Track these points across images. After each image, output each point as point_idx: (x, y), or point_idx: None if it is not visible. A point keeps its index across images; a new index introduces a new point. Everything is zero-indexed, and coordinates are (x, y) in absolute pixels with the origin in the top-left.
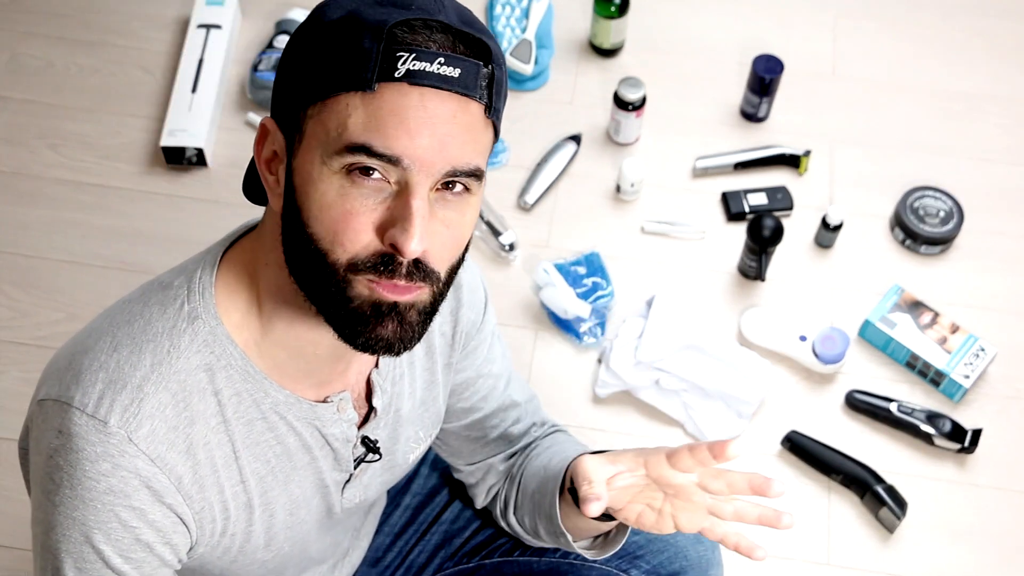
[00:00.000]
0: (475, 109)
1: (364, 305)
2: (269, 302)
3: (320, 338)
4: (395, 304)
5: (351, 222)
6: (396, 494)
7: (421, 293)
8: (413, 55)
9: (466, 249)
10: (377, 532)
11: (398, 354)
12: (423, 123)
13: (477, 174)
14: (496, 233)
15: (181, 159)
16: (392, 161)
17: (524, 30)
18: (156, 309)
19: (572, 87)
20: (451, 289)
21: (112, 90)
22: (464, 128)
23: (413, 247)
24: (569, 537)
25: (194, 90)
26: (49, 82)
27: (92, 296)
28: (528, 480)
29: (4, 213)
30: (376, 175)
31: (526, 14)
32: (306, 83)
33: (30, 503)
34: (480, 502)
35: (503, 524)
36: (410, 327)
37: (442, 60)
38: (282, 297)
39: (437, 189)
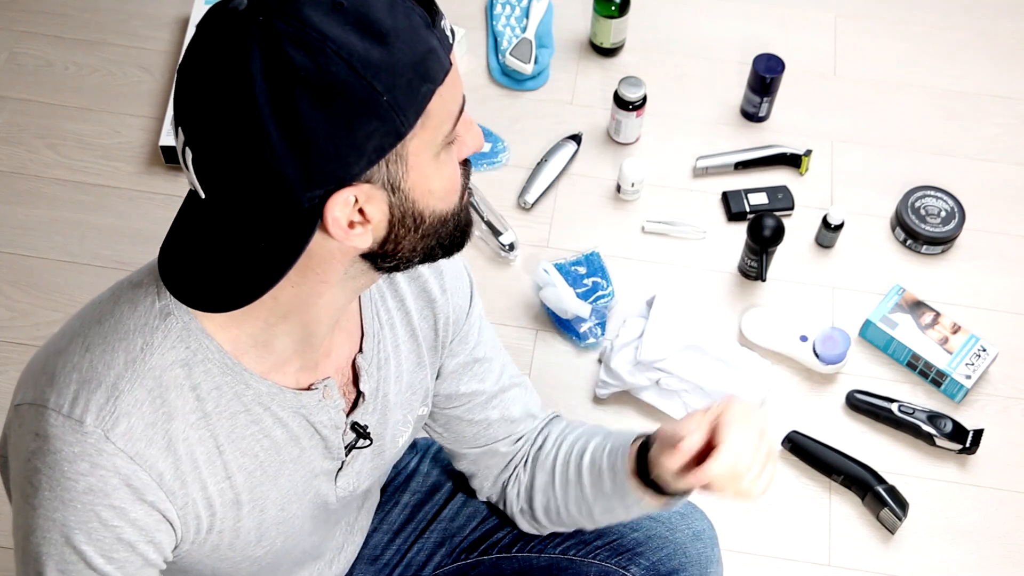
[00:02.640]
0: None
1: (469, 213)
2: (274, 319)
3: (306, 327)
4: None
5: (457, 170)
6: (395, 492)
7: None
8: (437, 19)
9: None
10: (376, 530)
11: None
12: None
13: None
14: (496, 233)
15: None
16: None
17: (524, 29)
18: (127, 307)
19: (572, 87)
20: (433, 275)
21: (111, 89)
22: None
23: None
24: (651, 504)
25: None
26: (48, 82)
27: (91, 296)
28: (565, 469)
29: (3, 213)
30: None
31: (526, 13)
32: (392, 126)
33: (12, 512)
34: (485, 491)
35: (520, 512)
36: None
37: (442, 19)
38: (289, 298)
39: None
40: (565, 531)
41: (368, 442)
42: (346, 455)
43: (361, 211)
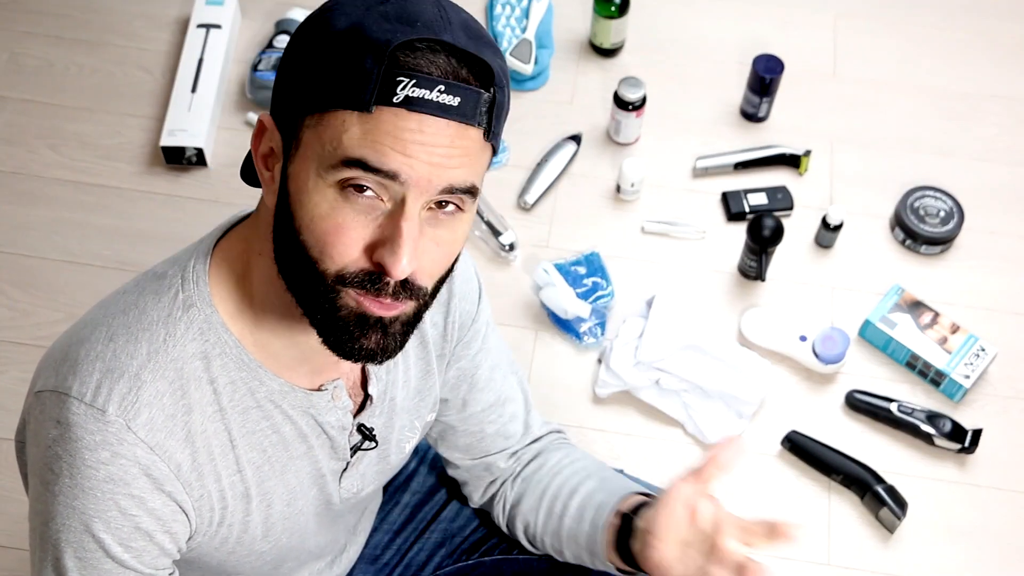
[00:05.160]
0: (474, 134)
1: (350, 316)
2: (261, 291)
3: (311, 328)
4: (380, 318)
5: (341, 236)
6: (395, 492)
7: (406, 308)
8: (413, 81)
9: (456, 259)
10: (376, 530)
11: (380, 363)
12: (419, 147)
13: (472, 191)
14: (496, 233)
15: (181, 159)
16: (388, 176)
17: (524, 30)
18: (151, 298)
19: (572, 87)
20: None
21: (112, 90)
22: (461, 152)
23: (401, 269)
24: (614, 570)
25: (194, 90)
26: (49, 82)
27: (92, 296)
28: (552, 502)
29: (4, 213)
30: (369, 192)
31: (526, 14)
32: (306, 91)
33: (28, 497)
34: (475, 501)
35: (504, 526)
36: (393, 338)
37: (442, 88)
38: (274, 288)
39: (429, 208)
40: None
41: (373, 444)
42: (351, 456)
43: (271, 159)
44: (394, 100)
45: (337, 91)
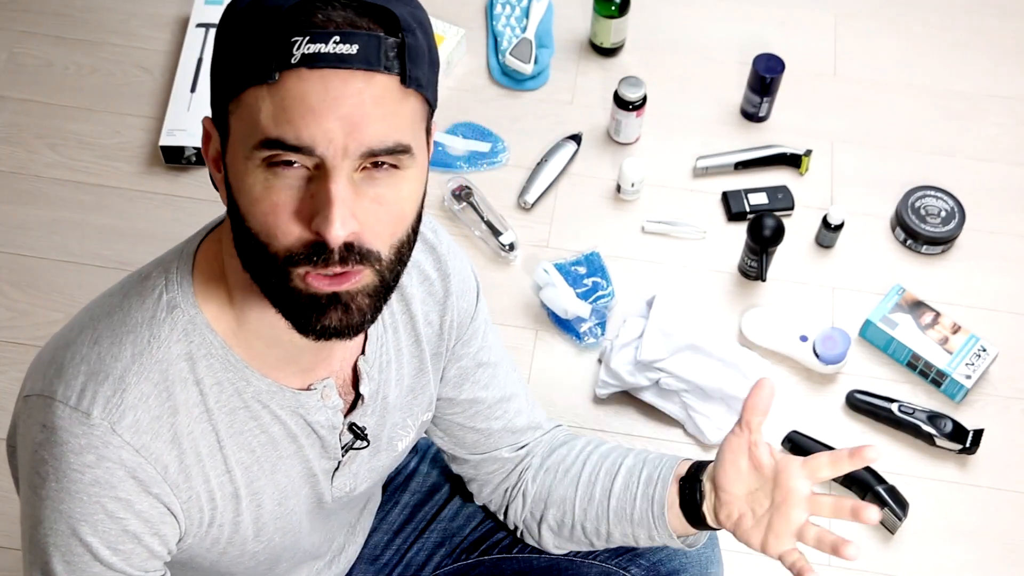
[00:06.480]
0: (384, 81)
1: (303, 298)
2: (239, 293)
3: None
4: (335, 294)
5: (279, 215)
6: (395, 491)
7: (362, 277)
8: (307, 38)
9: (418, 222)
10: (375, 530)
11: (350, 338)
12: (327, 106)
13: (399, 150)
14: (496, 233)
15: (180, 159)
16: (305, 151)
17: (524, 29)
18: (135, 300)
19: (572, 86)
20: (440, 278)
21: (111, 90)
22: (374, 103)
23: (336, 232)
24: (677, 540)
25: (193, 89)
26: (48, 82)
27: (90, 296)
28: (591, 486)
29: (3, 213)
30: (296, 164)
31: (526, 13)
32: (223, 79)
33: (19, 501)
34: (482, 497)
35: (521, 520)
36: (359, 312)
37: (337, 39)
38: (249, 288)
39: (364, 168)
40: (568, 549)
41: (365, 444)
42: (343, 455)
43: (219, 160)
44: (292, 61)
45: (243, 69)
